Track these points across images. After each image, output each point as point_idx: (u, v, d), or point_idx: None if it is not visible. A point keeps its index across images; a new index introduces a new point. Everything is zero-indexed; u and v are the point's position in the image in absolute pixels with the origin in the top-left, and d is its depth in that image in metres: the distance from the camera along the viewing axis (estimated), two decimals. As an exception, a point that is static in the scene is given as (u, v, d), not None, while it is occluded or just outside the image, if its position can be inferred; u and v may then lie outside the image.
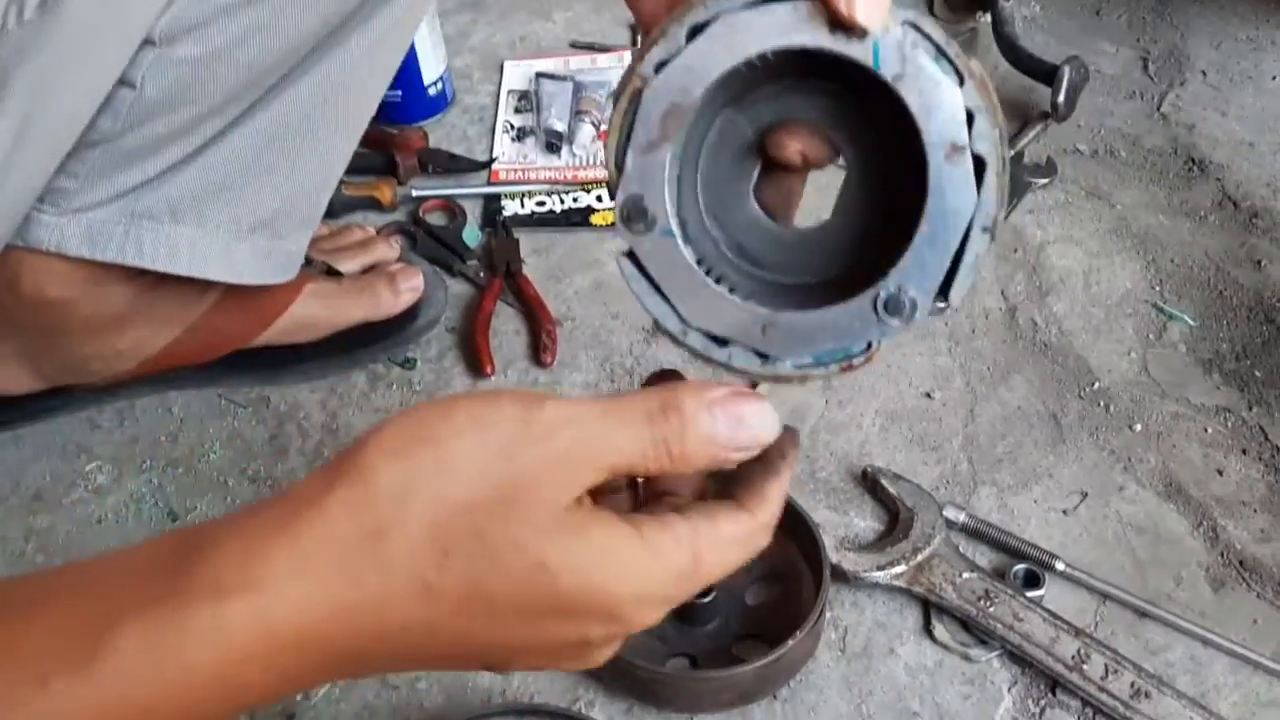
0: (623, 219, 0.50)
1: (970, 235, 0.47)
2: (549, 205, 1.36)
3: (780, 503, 0.51)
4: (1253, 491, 1.08)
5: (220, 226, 0.95)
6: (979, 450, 1.12)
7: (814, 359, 0.49)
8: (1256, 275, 1.28)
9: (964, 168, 0.46)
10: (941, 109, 0.46)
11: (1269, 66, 1.57)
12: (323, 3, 0.85)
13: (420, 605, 0.44)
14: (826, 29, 0.46)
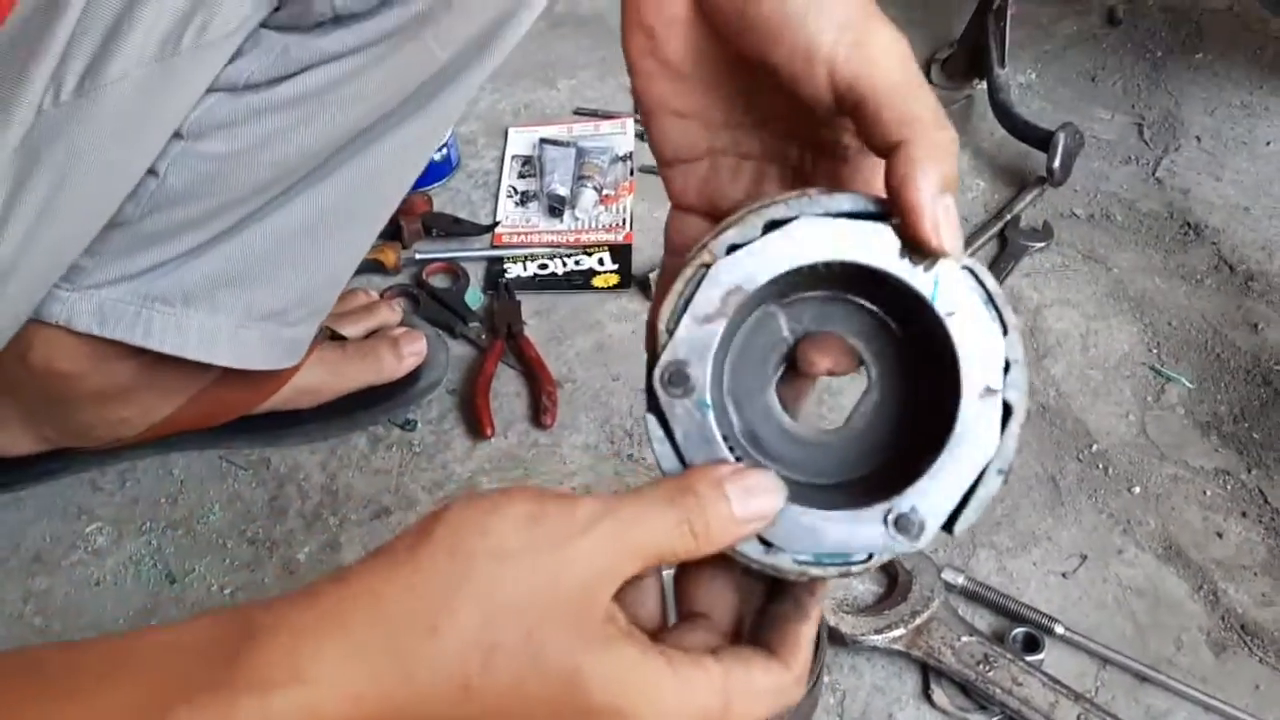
0: (663, 381, 0.51)
1: (985, 476, 0.48)
2: (551, 268, 1.38)
3: (811, 651, 0.51)
4: (1253, 555, 1.08)
5: (231, 314, 0.96)
6: (978, 513, 1.12)
7: (814, 558, 0.50)
8: (1253, 338, 1.29)
9: (993, 411, 0.48)
10: (982, 352, 0.48)
11: (1263, 132, 1.59)
12: (352, 112, 0.87)
13: (459, 704, 0.44)
14: (898, 254, 0.49)
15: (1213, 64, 1.73)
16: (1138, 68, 1.74)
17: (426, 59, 0.87)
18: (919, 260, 0.49)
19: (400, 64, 0.85)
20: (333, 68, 0.82)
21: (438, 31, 0.84)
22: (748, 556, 0.50)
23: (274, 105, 0.83)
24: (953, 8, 1.84)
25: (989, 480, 0.49)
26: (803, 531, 0.50)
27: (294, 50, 0.80)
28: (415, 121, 0.94)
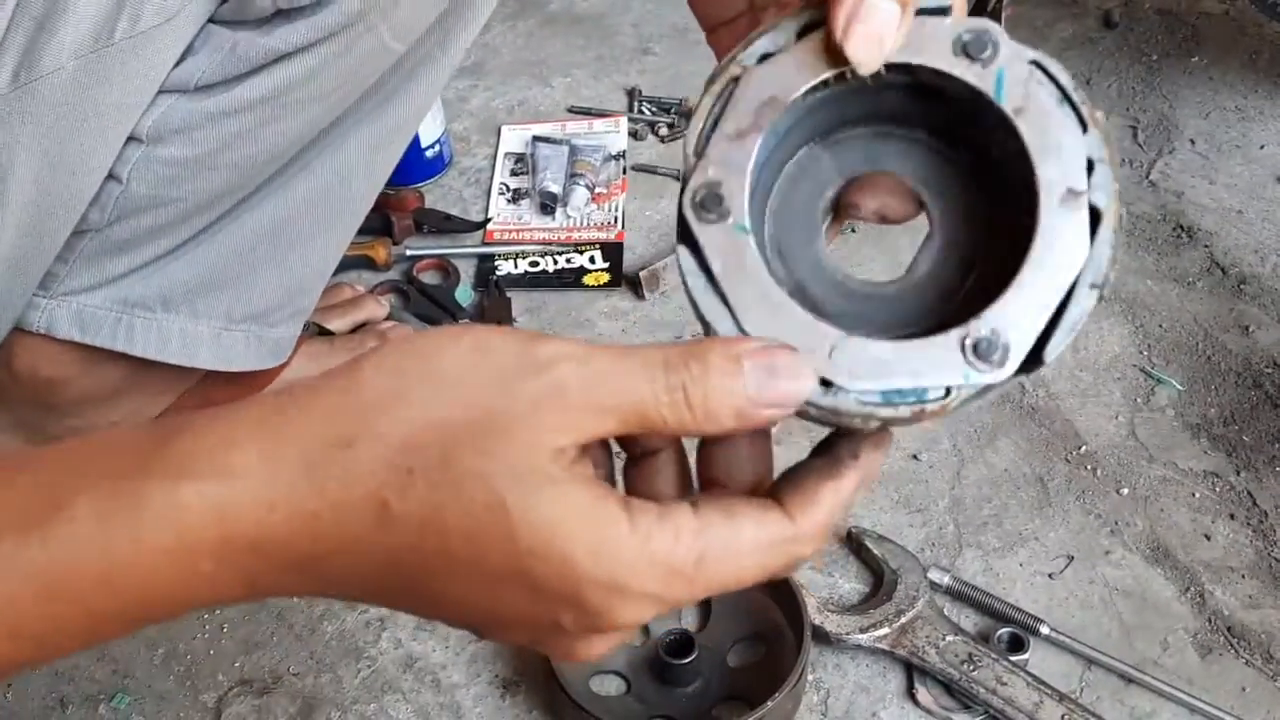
0: (694, 204, 0.45)
1: (1076, 290, 0.43)
2: (542, 265, 1.37)
3: (835, 512, 0.44)
4: (1240, 557, 1.08)
5: (212, 318, 0.96)
6: (965, 513, 1.12)
7: (883, 396, 0.43)
8: (1244, 341, 1.29)
9: (1079, 216, 0.43)
10: (1060, 152, 0.43)
11: (1256, 135, 1.59)
12: (312, 111, 0.87)
13: (376, 526, 0.41)
14: (951, 51, 0.44)
15: (1208, 68, 1.73)
16: (1133, 71, 1.74)
17: (382, 53, 0.86)
18: (979, 55, 0.43)
19: (356, 60, 0.84)
20: (286, 67, 0.81)
21: (391, 24, 0.83)
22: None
23: (231, 108, 0.82)
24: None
25: (1081, 296, 0.43)
26: (868, 364, 0.43)
27: (242, 47, 0.80)
28: (382, 117, 0.94)
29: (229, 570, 0.42)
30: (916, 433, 1.20)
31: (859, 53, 0.44)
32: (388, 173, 1.02)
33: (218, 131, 0.84)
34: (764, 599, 1.00)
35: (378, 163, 1.00)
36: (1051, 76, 0.44)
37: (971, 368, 0.43)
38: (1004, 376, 0.43)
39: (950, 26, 0.44)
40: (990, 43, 0.44)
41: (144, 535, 0.41)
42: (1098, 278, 0.43)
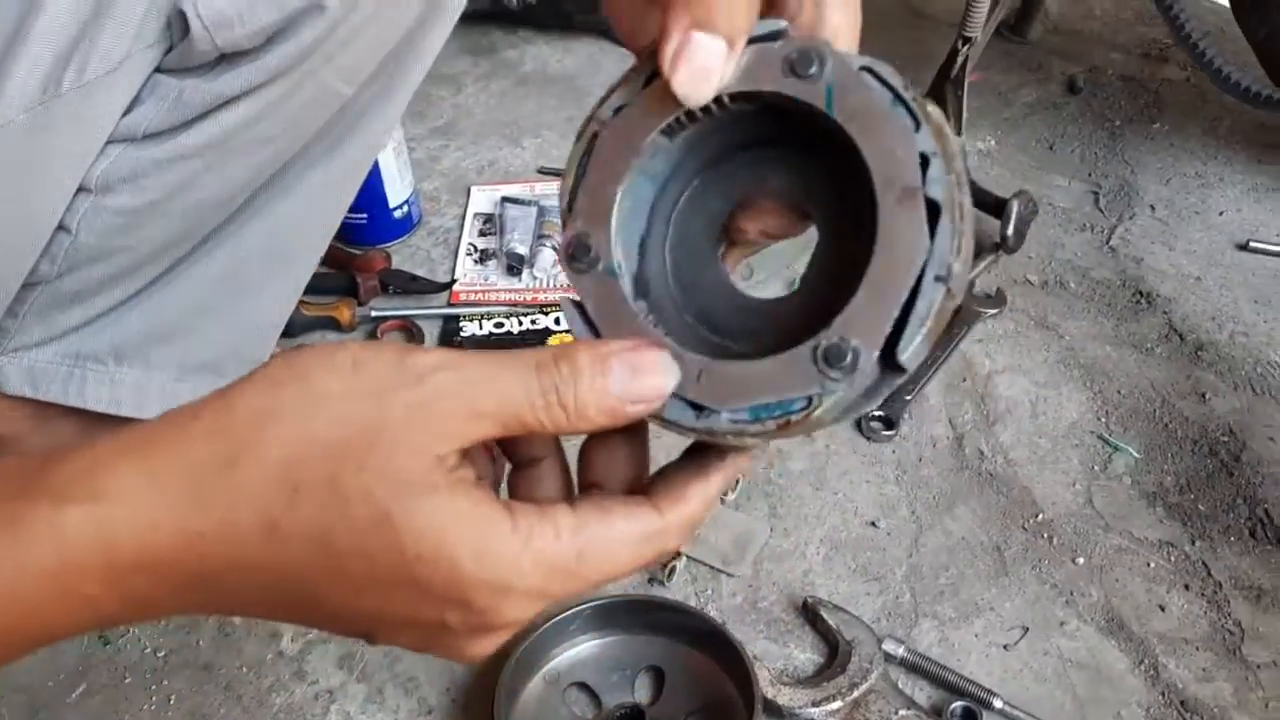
0: (567, 257, 0.48)
1: (922, 284, 0.43)
2: (507, 327, 1.38)
3: (702, 506, 0.47)
4: (1195, 628, 1.08)
5: (165, 369, 0.96)
6: (922, 581, 1.12)
7: (751, 414, 0.45)
8: (1201, 408, 1.30)
9: (916, 212, 0.43)
10: (894, 151, 0.43)
11: (1216, 202, 1.62)
12: (259, 156, 0.87)
13: (266, 544, 0.42)
14: (781, 72, 0.45)
15: (1169, 134, 1.76)
16: (1096, 136, 1.76)
17: (329, 95, 0.87)
18: (806, 72, 0.45)
19: (302, 102, 0.85)
20: (232, 112, 0.81)
21: (336, 67, 0.84)
22: (679, 424, 0.46)
23: (178, 155, 0.83)
24: (914, 77, 1.86)
25: (927, 289, 0.43)
26: (732, 385, 0.45)
27: (189, 95, 0.80)
28: (332, 160, 0.94)
29: (115, 592, 0.42)
30: (876, 499, 1.20)
31: (684, 89, 0.45)
32: (340, 217, 1.03)
33: (166, 179, 0.85)
34: (716, 671, 1.00)
35: (329, 207, 1.00)
36: (882, 80, 0.45)
37: (824, 376, 0.44)
38: (861, 382, 0.44)
39: (780, 48, 0.46)
40: (815, 58, 0.45)
41: (26, 558, 0.41)
42: (941, 269, 0.43)
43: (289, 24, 0.78)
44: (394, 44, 0.89)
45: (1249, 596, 1.10)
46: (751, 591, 1.11)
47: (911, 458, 1.25)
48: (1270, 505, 1.18)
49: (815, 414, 0.45)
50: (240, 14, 0.76)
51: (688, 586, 1.11)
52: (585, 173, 0.48)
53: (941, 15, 2.08)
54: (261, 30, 0.78)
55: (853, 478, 1.22)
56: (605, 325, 0.48)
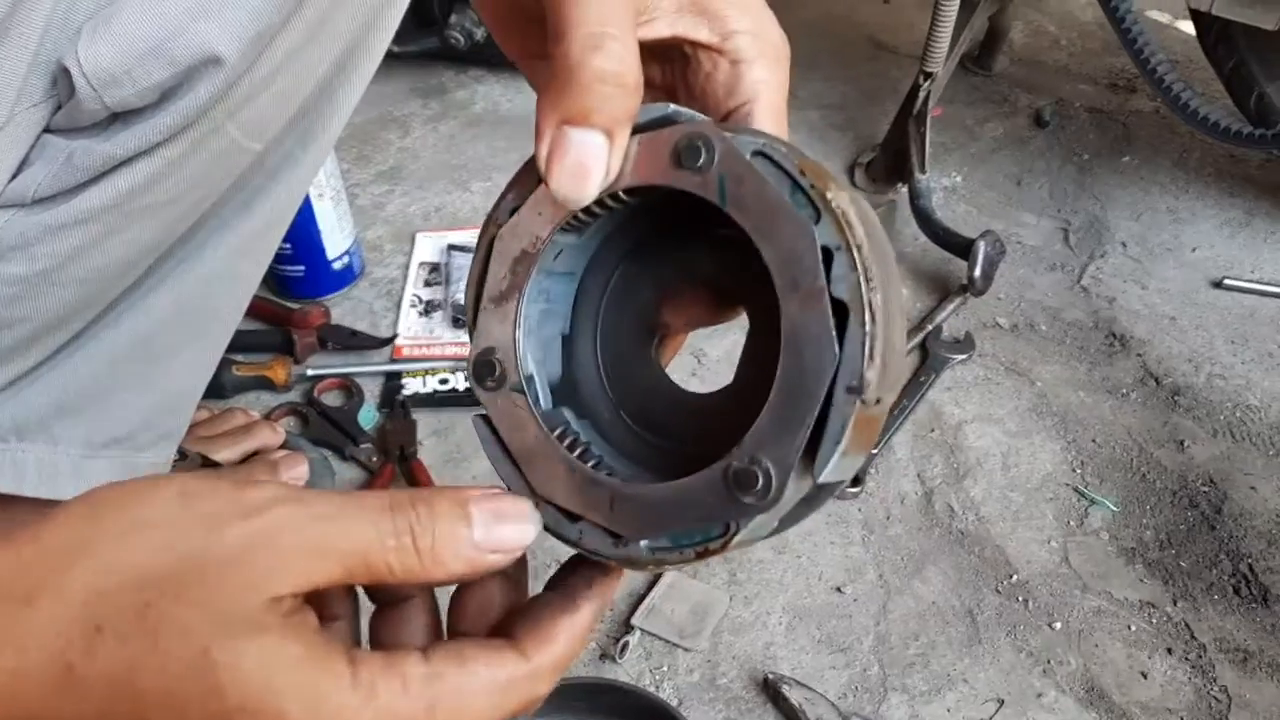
0: (475, 376, 0.44)
1: (834, 397, 0.38)
2: (452, 383, 1.31)
3: (571, 646, 0.43)
4: (1179, 696, 1.02)
5: (72, 445, 0.89)
6: (890, 652, 1.06)
7: (671, 541, 0.41)
8: (1179, 456, 1.24)
9: (820, 316, 0.38)
10: (795, 250, 0.39)
11: (1188, 238, 1.57)
12: (162, 218, 0.81)
13: (60, 692, 0.37)
14: (669, 162, 0.41)
15: (1139, 167, 1.72)
16: (1064, 171, 1.72)
17: (236, 153, 0.81)
18: (694, 164, 0.40)
19: (206, 161, 0.78)
20: (128, 173, 0.75)
21: (240, 122, 0.77)
22: (598, 553, 0.42)
23: (72, 220, 0.76)
24: (876, 112, 1.82)
25: (839, 404, 0.38)
26: (645, 513, 0.41)
27: (79, 156, 0.74)
28: (245, 220, 0.88)
29: None
30: (841, 562, 1.14)
31: (562, 189, 0.40)
32: (257, 279, 0.96)
33: (60, 245, 0.78)
34: (670, 760, 0.93)
35: (244, 270, 0.94)
36: (778, 165, 0.40)
37: (740, 502, 0.39)
38: (778, 507, 0.39)
39: (668, 136, 0.41)
40: (703, 148, 0.40)
41: None
42: (853, 379, 0.38)
43: (183, 80, 0.72)
44: (307, 95, 0.83)
45: (1234, 660, 1.04)
46: (710, 667, 1.04)
47: (878, 516, 1.19)
48: (1254, 560, 1.13)
49: (735, 540, 0.40)
50: (128, 71, 0.70)
51: (641, 663, 1.04)
52: (485, 281, 0.44)
53: (904, 48, 2.04)
54: (153, 87, 0.71)
55: (816, 539, 1.16)
56: (514, 447, 0.44)
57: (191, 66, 0.70)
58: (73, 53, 0.65)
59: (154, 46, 0.65)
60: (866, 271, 0.38)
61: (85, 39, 0.65)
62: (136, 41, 0.65)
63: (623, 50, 0.41)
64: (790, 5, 2.10)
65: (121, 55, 0.65)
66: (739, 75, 0.46)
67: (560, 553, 0.43)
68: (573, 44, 0.40)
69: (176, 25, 0.65)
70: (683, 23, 0.48)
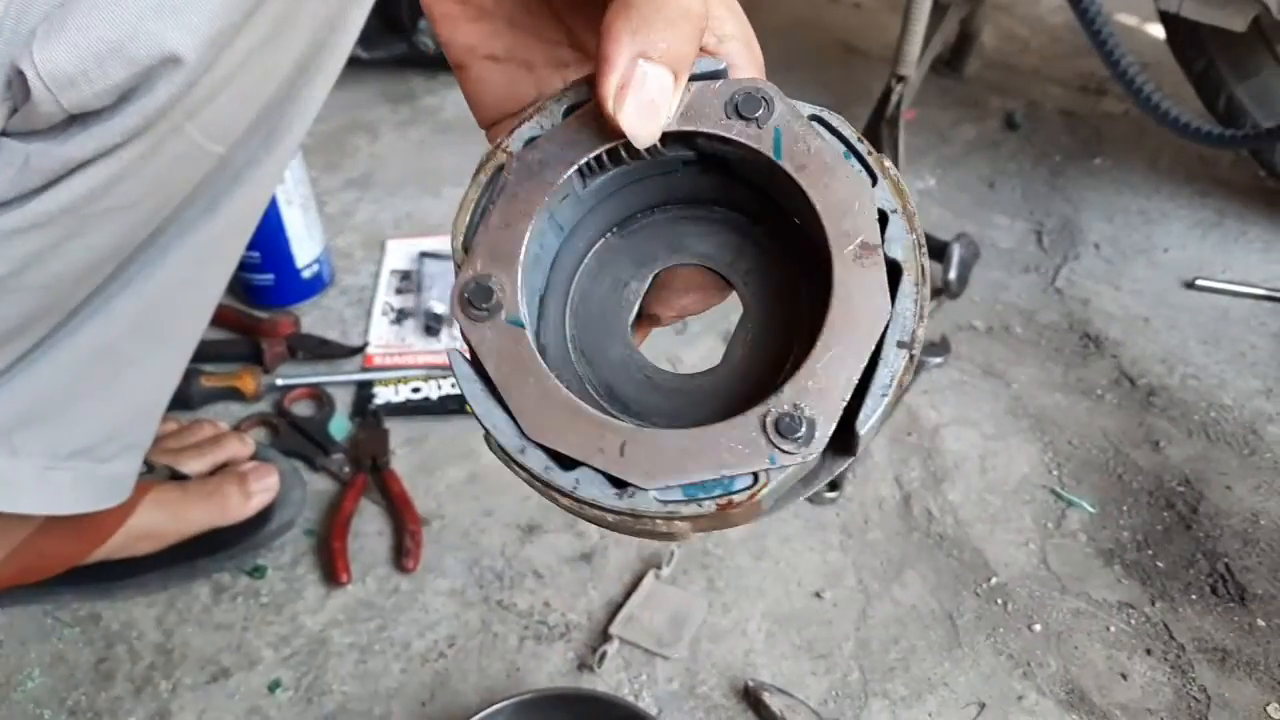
0: (462, 302, 0.40)
1: (883, 351, 0.38)
2: (424, 392, 1.30)
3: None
4: (1158, 697, 1.01)
5: (33, 455, 0.87)
6: (871, 657, 1.05)
7: (684, 492, 0.38)
8: (1155, 457, 1.24)
9: (876, 272, 0.39)
10: (851, 206, 0.39)
11: (1160, 238, 1.58)
12: (122, 222, 0.79)
13: None
14: (723, 113, 0.40)
15: (1111, 169, 1.72)
16: (1037, 173, 1.72)
17: (197, 155, 0.79)
18: (753, 114, 0.40)
19: (166, 163, 0.76)
20: (86, 176, 0.73)
21: (200, 124, 0.75)
22: (595, 504, 0.39)
23: (30, 224, 0.74)
24: (849, 115, 1.81)
25: (888, 356, 0.38)
26: (665, 458, 0.38)
27: (36, 160, 0.72)
28: (208, 225, 0.86)
29: None
30: (820, 567, 1.13)
31: (633, 123, 0.39)
32: (222, 286, 0.94)
33: (17, 250, 0.76)
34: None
35: (208, 275, 0.92)
36: (834, 130, 0.41)
37: (776, 449, 0.38)
38: (812, 455, 0.38)
39: (723, 88, 0.41)
40: (763, 100, 0.41)
41: None
42: (904, 335, 0.38)
43: (142, 81, 0.70)
44: (270, 95, 0.81)
45: (1213, 659, 1.04)
46: (689, 676, 1.03)
47: (857, 521, 1.18)
48: (1230, 559, 1.13)
49: (762, 493, 0.38)
50: (85, 72, 0.68)
51: (620, 673, 1.03)
52: (487, 209, 0.41)
53: (875, 51, 2.04)
54: (111, 89, 0.69)
55: (795, 545, 1.15)
56: (510, 391, 0.40)
57: (150, 66, 0.69)
58: (27, 55, 0.63)
59: (112, 47, 0.63)
60: (919, 236, 0.39)
61: (40, 41, 0.63)
62: (94, 42, 0.63)
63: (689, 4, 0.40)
64: (760, 9, 2.09)
65: (78, 56, 0.63)
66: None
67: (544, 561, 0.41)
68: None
69: (134, 25, 0.63)
70: None
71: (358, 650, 1.04)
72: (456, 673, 1.02)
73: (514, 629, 1.06)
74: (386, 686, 1.01)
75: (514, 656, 1.04)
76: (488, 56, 0.49)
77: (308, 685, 1.01)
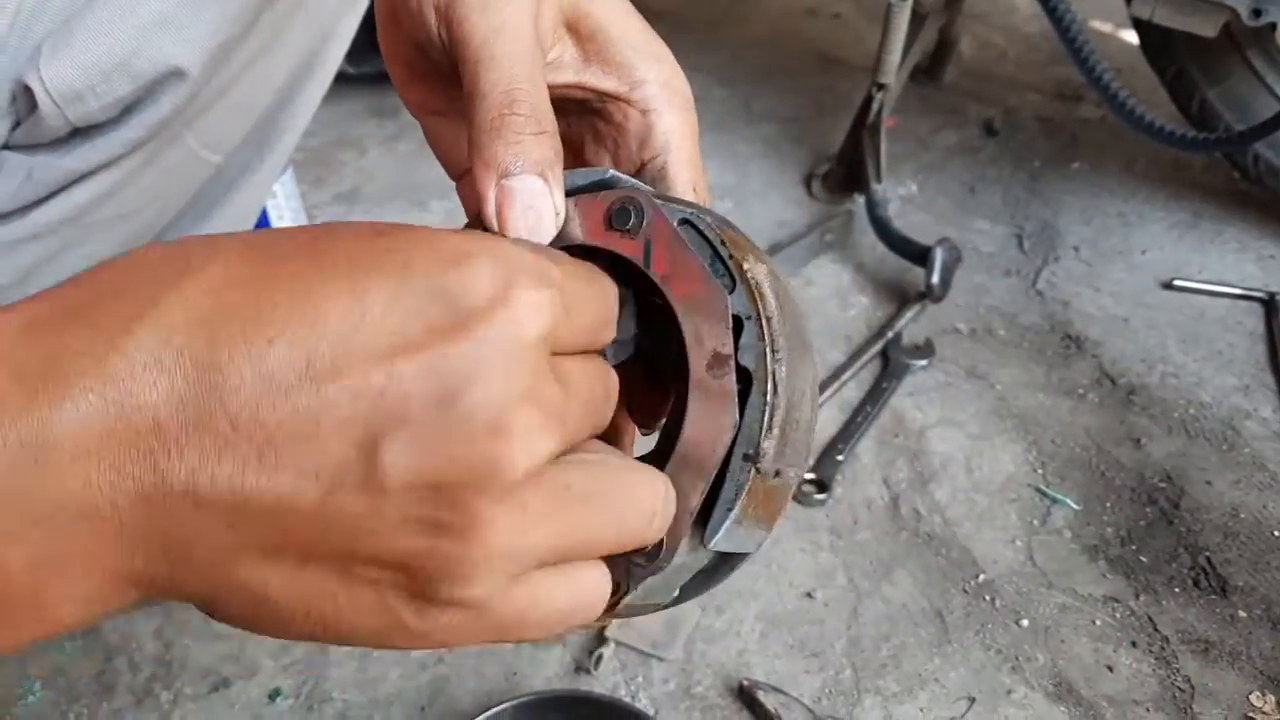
0: None
1: (730, 464, 0.39)
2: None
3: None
4: (1144, 688, 1.04)
5: None
6: (862, 655, 1.07)
7: None
8: (1137, 454, 1.27)
9: (725, 382, 0.39)
10: (709, 315, 0.39)
11: (1138, 240, 1.60)
12: (120, 231, 0.80)
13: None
14: (604, 224, 0.42)
15: (1088, 173, 1.75)
16: (1016, 178, 1.75)
17: (195, 164, 0.80)
18: (624, 225, 0.41)
19: (165, 171, 0.78)
20: (87, 186, 0.74)
21: (199, 133, 0.77)
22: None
23: (29, 234, 0.75)
24: (830, 123, 1.84)
25: (734, 470, 0.39)
26: None
27: (39, 172, 0.73)
28: (201, 233, 0.87)
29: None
30: (811, 568, 1.15)
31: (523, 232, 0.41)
32: None
33: (20, 260, 0.77)
34: (648, 770, 0.93)
35: None
36: (702, 234, 0.41)
37: (632, 562, 0.39)
38: (664, 567, 0.39)
39: (604, 199, 0.43)
40: (634, 211, 0.42)
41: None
42: (749, 448, 0.39)
43: (147, 93, 0.71)
44: (266, 104, 0.83)
45: (1196, 650, 1.06)
46: (685, 676, 1.04)
47: (846, 521, 1.20)
48: (1211, 553, 1.15)
49: (625, 600, 0.40)
50: (92, 86, 0.69)
51: (616, 675, 1.04)
52: None
53: (855, 61, 2.07)
54: (117, 102, 0.71)
55: (786, 546, 1.17)
56: None
57: (155, 80, 0.70)
58: (34, 71, 0.64)
59: (117, 62, 0.65)
60: (774, 343, 0.40)
61: (47, 57, 0.64)
62: (100, 57, 0.65)
63: (535, 101, 0.43)
64: (739, 21, 2.12)
65: (85, 72, 0.65)
66: (650, 125, 0.47)
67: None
68: (489, 109, 0.42)
69: (139, 40, 0.65)
70: (588, 72, 0.49)
71: (356, 657, 1.05)
72: (454, 677, 1.03)
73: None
74: (386, 692, 1.02)
75: (511, 660, 1.05)
76: (435, 112, 0.52)
77: (308, 693, 1.02)
